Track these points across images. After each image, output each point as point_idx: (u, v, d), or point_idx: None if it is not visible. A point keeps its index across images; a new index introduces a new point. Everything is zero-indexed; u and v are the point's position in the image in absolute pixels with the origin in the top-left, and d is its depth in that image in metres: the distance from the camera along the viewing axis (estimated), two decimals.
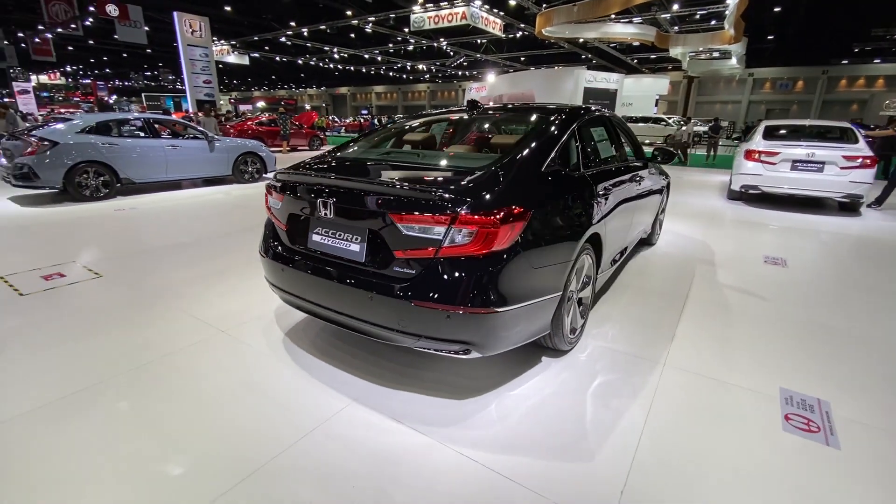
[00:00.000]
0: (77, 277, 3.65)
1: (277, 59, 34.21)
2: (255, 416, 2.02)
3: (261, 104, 43.74)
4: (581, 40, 27.93)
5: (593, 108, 3.13)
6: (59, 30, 22.04)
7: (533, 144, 2.31)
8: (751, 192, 6.90)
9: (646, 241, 4.71)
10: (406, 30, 24.62)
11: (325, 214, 2.06)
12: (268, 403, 2.11)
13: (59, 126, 6.67)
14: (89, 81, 39.35)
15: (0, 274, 3.67)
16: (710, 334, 2.82)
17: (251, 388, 2.22)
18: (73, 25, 20.73)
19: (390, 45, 30.24)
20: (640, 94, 33.74)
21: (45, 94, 42.35)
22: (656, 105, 34.80)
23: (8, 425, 1.92)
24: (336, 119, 39.36)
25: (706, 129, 19.61)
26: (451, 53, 31.70)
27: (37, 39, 25.47)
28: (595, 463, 1.76)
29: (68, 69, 37.12)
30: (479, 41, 28.52)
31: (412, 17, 21.83)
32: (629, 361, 2.49)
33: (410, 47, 30.64)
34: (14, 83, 27.54)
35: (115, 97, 38.57)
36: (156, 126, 7.51)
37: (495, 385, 2.25)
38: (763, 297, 3.43)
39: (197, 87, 19.82)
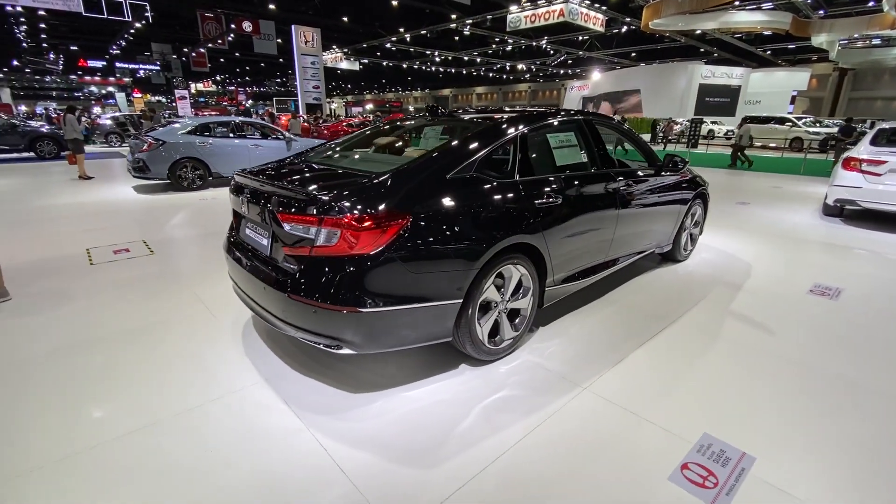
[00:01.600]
0: (136, 253, 4.45)
1: (384, 63, 36.44)
2: (184, 373, 2.34)
3: (369, 106, 47.10)
4: (698, 32, 25.25)
5: (559, 114, 3.00)
6: (210, 45, 26.04)
7: (444, 150, 2.31)
8: (847, 207, 5.78)
9: (668, 257, 4.26)
10: (504, 30, 24.59)
11: (246, 211, 2.32)
12: (196, 366, 2.44)
13: (168, 128, 8.03)
14: (233, 88, 45.86)
15: (87, 246, 4.62)
16: (665, 366, 2.53)
17: (195, 353, 2.57)
18: (219, 41, 24.42)
19: (491, 46, 30.40)
20: (770, 90, 29.54)
21: (201, 100, 50.31)
22: (792, 103, 30.09)
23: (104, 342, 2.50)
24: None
25: (835, 130, 16.46)
26: (552, 52, 30.88)
27: (193, 54, 30.25)
28: (434, 472, 1.76)
29: (217, 78, 43.76)
30: (580, 38, 27.32)
31: (509, 17, 21.79)
32: (549, 380, 2.36)
33: (509, 47, 30.53)
34: (175, 90, 33.11)
35: (250, 101, 44.45)
36: (243, 128, 8.64)
37: (396, 384, 2.32)
38: (770, 332, 2.94)
39: (307, 92, 22.09)
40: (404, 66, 36.94)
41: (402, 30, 28.52)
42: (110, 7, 19.71)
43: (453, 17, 24.16)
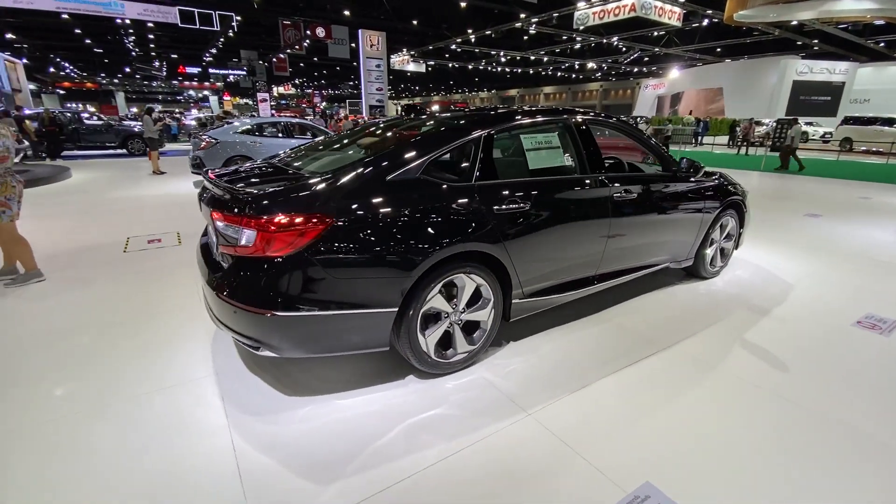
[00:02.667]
0: (166, 244, 4.81)
1: (450, 65, 36.73)
2: (150, 361, 2.46)
3: (435, 108, 47.77)
4: (794, 23, 22.68)
5: (538, 114, 2.77)
6: (289, 50, 27.79)
7: (388, 152, 2.21)
8: None
9: (692, 273, 3.81)
10: (571, 28, 23.74)
11: (201, 210, 2.38)
12: (164, 355, 2.55)
13: (224, 128, 8.64)
14: (310, 91, 48.65)
15: (129, 235, 5.07)
16: (631, 399, 2.23)
17: (170, 342, 2.70)
18: (297, 46, 25.99)
19: (561, 45, 29.50)
20: (882, 87, 25.76)
21: (283, 102, 53.94)
22: None
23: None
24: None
25: None
26: (624, 49, 29.30)
27: (275, 59, 32.37)
28: (329, 488, 1.67)
29: (296, 81, 46.67)
30: (655, 34, 25.66)
31: (576, 14, 21.04)
32: (495, 401, 2.18)
33: (578, 45, 29.45)
34: (258, 93, 35.63)
35: (324, 103, 46.89)
36: (292, 128, 9.08)
37: (335, 390, 2.26)
38: (783, 369, 2.50)
39: (370, 94, 22.83)
40: (469, 66, 36.97)
41: (470, 31, 28.51)
42: (202, 18, 21.73)
43: (522, 16, 23.73)
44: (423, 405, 2.15)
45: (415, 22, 29.74)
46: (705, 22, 22.87)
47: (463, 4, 22.23)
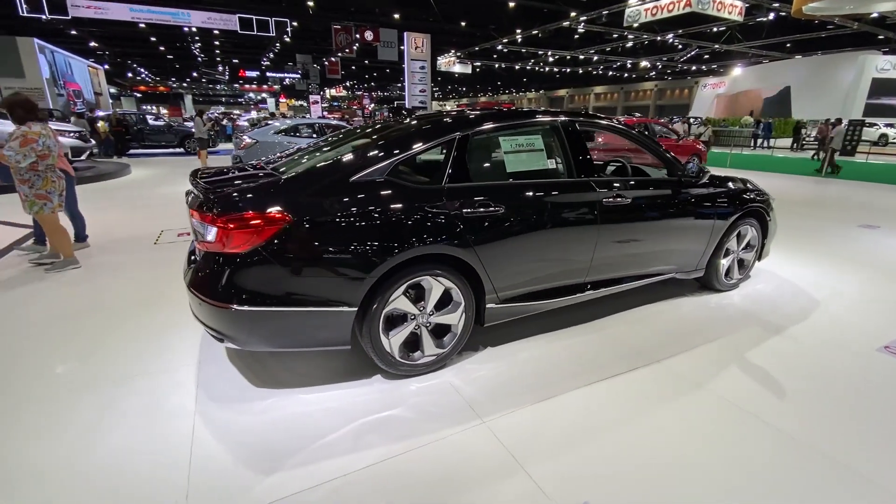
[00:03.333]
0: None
1: (497, 66, 36.52)
2: (143, 346, 2.64)
3: (447, 108, 47.64)
4: (874, 15, 20.69)
5: (519, 116, 2.71)
6: (339, 54, 28.75)
7: (355, 153, 2.24)
8: None
9: (705, 284, 3.57)
10: (622, 26, 22.91)
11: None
12: (157, 341, 2.71)
13: (264, 128, 9.08)
14: (360, 93, 50.06)
15: (162, 228, 5.45)
16: (594, 415, 2.12)
17: (165, 329, 2.88)
18: (347, 50, 26.84)
19: (612, 43, 28.56)
20: None
21: (335, 104, 55.78)
22: None
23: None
24: None
25: None
26: (680, 46, 27.89)
27: (326, 62, 33.50)
28: (267, 479, 1.72)
29: (347, 84, 48.17)
30: (715, 29, 24.22)
31: (627, 11, 20.32)
32: (453, 407, 2.15)
33: (629, 43, 28.38)
34: (310, 95, 37.05)
35: (373, 105, 48.07)
36: (325, 129, 9.39)
37: (302, 384, 2.32)
38: (780, 394, 2.29)
39: (413, 96, 23.14)
40: (517, 67, 36.59)
41: (518, 31, 28.21)
42: (259, 25, 22.98)
43: (572, 14, 23.18)
44: (381, 405, 2.17)
45: (463, 23, 29.83)
46: (771, 16, 21.34)
47: (511, 4, 22.05)
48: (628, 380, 2.40)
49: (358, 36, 26.05)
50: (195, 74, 40.55)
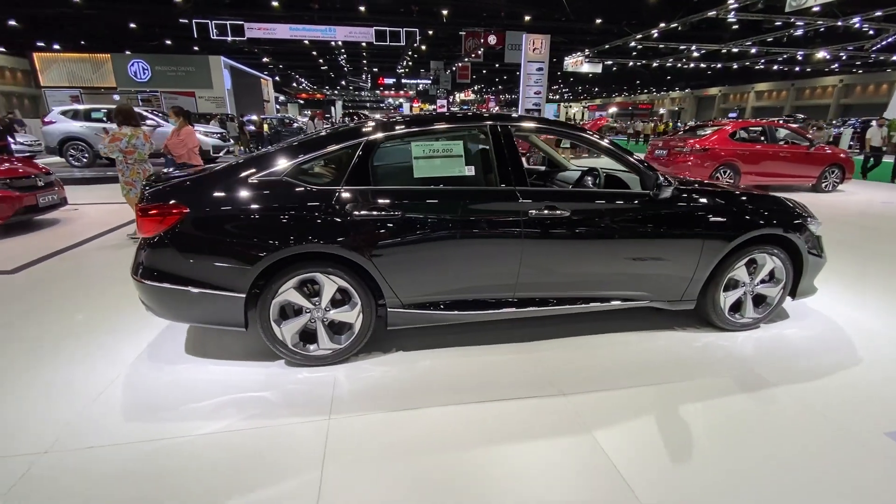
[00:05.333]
0: None
1: (631, 63, 33.93)
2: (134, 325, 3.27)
3: (612, 110, 44.66)
4: None
5: (438, 120, 2.67)
6: (466, 58, 29.77)
7: (265, 154, 2.45)
8: None
9: (706, 319, 3.01)
10: (782, 12, 19.43)
11: None
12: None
13: None
14: (486, 96, 50.97)
15: None
16: (433, 436, 2.01)
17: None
18: (473, 55, 27.71)
19: (774, 32, 24.42)
20: None
21: (465, 108, 57.61)
22: None
23: None
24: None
25: None
26: (871, 32, 22.54)
27: (454, 67, 34.86)
28: (107, 428, 2.05)
29: (475, 88, 49.41)
30: None
31: None
32: (316, 399, 2.25)
33: (799, 31, 23.84)
34: (437, 100, 38.87)
35: (496, 108, 48.51)
36: None
37: (219, 356, 2.63)
38: (673, 468, 1.88)
39: (527, 98, 22.81)
40: (655, 64, 33.49)
41: (661, 25, 25.84)
42: (391, 36, 25.07)
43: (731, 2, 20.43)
44: (260, 385, 2.37)
45: (598, 21, 28.46)
46: None
47: None
48: (512, 407, 2.21)
49: (482, 41, 26.68)
50: (343, 83, 45.82)
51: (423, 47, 33.59)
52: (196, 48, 27.58)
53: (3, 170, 5.17)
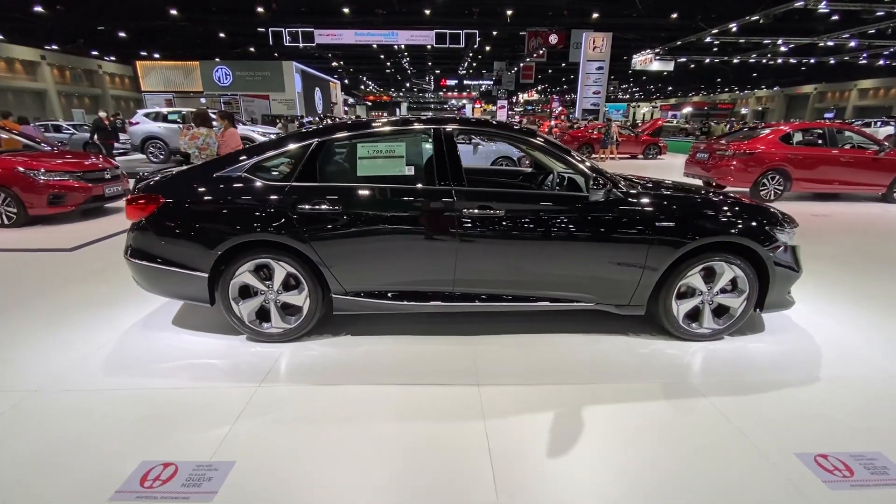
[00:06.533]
0: None
1: (708, 60, 31.70)
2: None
3: (686, 110, 41.87)
4: None
5: (381, 124, 2.84)
6: (528, 59, 29.55)
7: (232, 153, 2.78)
8: None
9: (668, 333, 2.94)
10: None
11: None
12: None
13: None
14: (549, 97, 49.94)
15: None
16: (334, 412, 2.21)
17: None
18: (535, 55, 27.47)
19: (877, 23, 21.73)
20: None
21: (529, 108, 57.00)
22: None
23: None
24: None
25: None
26: None
27: (515, 68, 34.69)
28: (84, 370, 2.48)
29: (539, 88, 48.62)
30: None
31: None
32: (251, 369, 2.54)
33: None
34: (497, 100, 38.84)
35: (561, 108, 47.35)
36: None
37: (196, 328, 3.02)
38: (533, 457, 1.93)
39: (585, 98, 22.17)
40: (735, 60, 31.01)
41: (749, 16, 23.92)
42: (451, 38, 25.48)
43: None
44: (216, 354, 2.71)
45: (673, 16, 27.02)
46: None
47: None
48: (423, 391, 2.36)
49: (541, 40, 26.32)
50: (408, 85, 47.22)
51: (487, 48, 33.73)
52: (276, 54, 29.75)
53: (74, 163, 6.10)
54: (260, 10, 22.69)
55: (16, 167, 5.67)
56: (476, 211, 2.63)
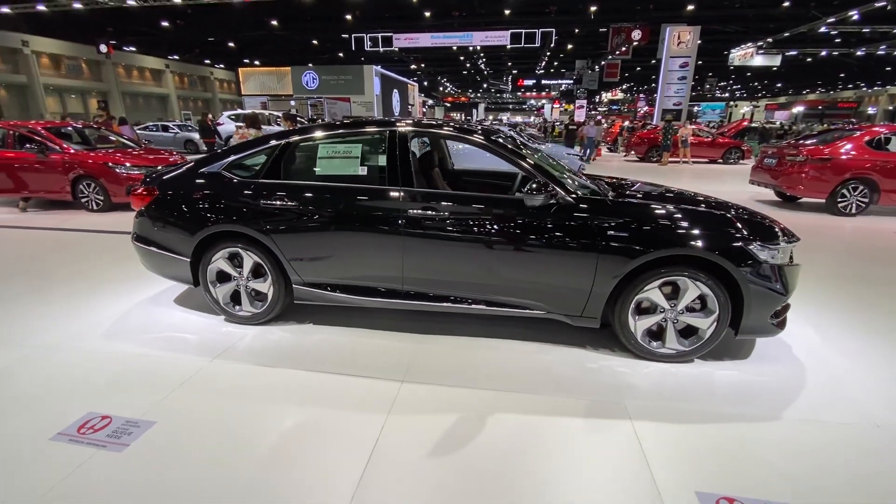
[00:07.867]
0: None
1: (824, 53, 27.91)
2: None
3: (797, 109, 37.12)
4: None
5: (340, 126, 3.01)
6: (610, 56, 28.31)
7: (219, 152, 3.09)
8: None
9: (627, 350, 2.75)
10: None
11: None
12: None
13: None
14: (635, 96, 47.03)
15: None
16: (273, 394, 2.38)
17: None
18: (618, 52, 26.27)
19: None
20: None
21: (614, 108, 54.32)
22: None
23: None
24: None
25: None
26: None
27: (598, 66, 33.33)
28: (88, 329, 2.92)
29: (624, 86, 46.01)
30: None
31: None
32: (212, 345, 2.82)
33: None
34: (576, 100, 37.49)
35: (646, 107, 44.37)
36: None
37: (189, 306, 3.41)
38: (427, 459, 1.93)
39: (667, 96, 20.59)
40: (859, 52, 26.96)
41: (874, 3, 20.85)
42: (527, 38, 25.12)
43: None
44: (192, 330, 3.05)
45: (786, 3, 24.37)
46: None
47: None
48: (350, 382, 2.47)
49: (624, 36, 24.99)
50: (485, 86, 47.26)
51: (569, 46, 32.72)
52: (362, 59, 31.42)
53: (150, 159, 7.04)
54: (348, 17, 24.21)
55: (106, 162, 6.71)
56: (419, 211, 2.68)
